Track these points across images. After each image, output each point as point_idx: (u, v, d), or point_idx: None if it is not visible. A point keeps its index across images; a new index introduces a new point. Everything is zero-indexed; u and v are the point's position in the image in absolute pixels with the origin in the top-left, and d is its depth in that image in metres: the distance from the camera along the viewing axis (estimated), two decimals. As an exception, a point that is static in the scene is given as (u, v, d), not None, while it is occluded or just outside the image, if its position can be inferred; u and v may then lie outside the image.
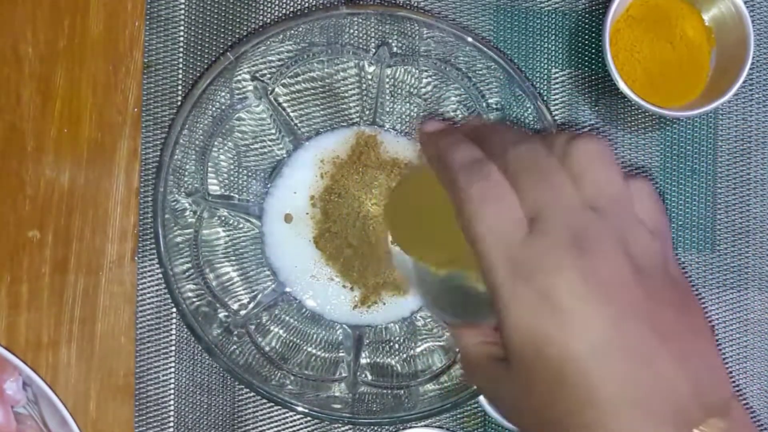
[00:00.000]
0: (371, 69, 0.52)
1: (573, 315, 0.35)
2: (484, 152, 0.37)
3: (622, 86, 0.51)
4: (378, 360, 0.53)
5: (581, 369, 0.34)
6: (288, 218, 0.53)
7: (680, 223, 0.56)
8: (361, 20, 0.50)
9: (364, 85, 0.53)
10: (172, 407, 0.54)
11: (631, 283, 0.35)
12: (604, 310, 0.34)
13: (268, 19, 0.55)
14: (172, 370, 0.54)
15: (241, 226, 0.53)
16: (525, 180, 0.36)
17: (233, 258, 0.53)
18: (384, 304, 0.53)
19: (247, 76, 0.50)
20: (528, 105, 0.49)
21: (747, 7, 0.52)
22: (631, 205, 0.37)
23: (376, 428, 0.54)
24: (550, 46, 0.55)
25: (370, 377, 0.52)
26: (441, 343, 0.53)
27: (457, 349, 0.43)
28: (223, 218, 0.52)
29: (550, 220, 0.35)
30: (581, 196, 0.36)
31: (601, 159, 0.36)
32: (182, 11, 0.54)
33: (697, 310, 0.37)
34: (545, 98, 0.55)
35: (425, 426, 0.53)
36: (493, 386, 0.39)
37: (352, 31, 0.51)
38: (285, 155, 0.53)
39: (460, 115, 0.53)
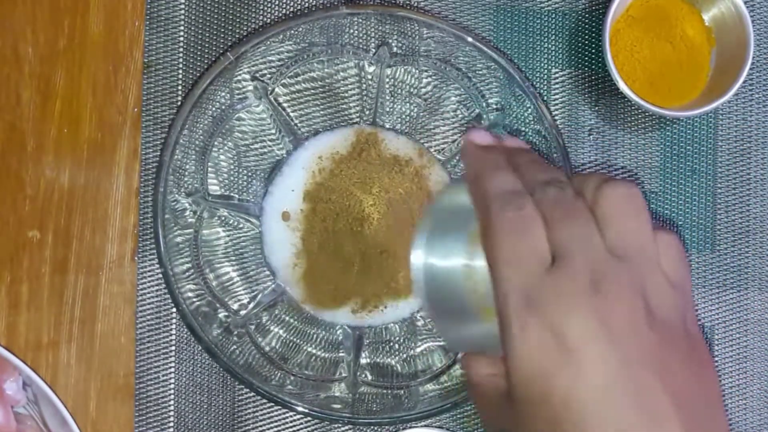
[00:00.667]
0: (371, 69, 0.52)
1: (582, 355, 0.34)
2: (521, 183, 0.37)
3: (622, 86, 0.51)
4: (378, 360, 0.53)
5: (582, 411, 0.34)
6: (285, 216, 0.53)
7: (680, 223, 0.56)
8: (361, 20, 0.50)
9: (364, 85, 0.53)
10: (172, 407, 0.54)
11: (645, 330, 0.35)
12: (614, 354, 0.34)
13: (268, 19, 0.55)
14: (172, 370, 0.54)
15: (241, 226, 0.53)
16: (553, 218, 0.36)
17: (233, 258, 0.53)
18: (385, 307, 0.53)
19: (247, 76, 0.50)
20: (528, 105, 0.49)
21: (747, 7, 0.52)
22: (656, 257, 0.36)
23: (376, 428, 0.54)
24: (550, 46, 0.55)
25: (370, 377, 0.52)
26: (441, 343, 0.53)
27: (464, 378, 0.44)
28: (223, 218, 0.52)
29: (573, 261, 0.35)
30: (606, 243, 0.36)
31: (631, 207, 0.36)
32: (182, 11, 0.54)
33: (713, 375, 0.37)
34: (545, 98, 0.55)
35: (425, 426, 0.53)
36: (496, 418, 0.39)
37: (352, 31, 0.51)
38: (285, 155, 0.53)
39: (460, 115, 0.53)
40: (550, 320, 0.35)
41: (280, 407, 0.51)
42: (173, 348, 0.54)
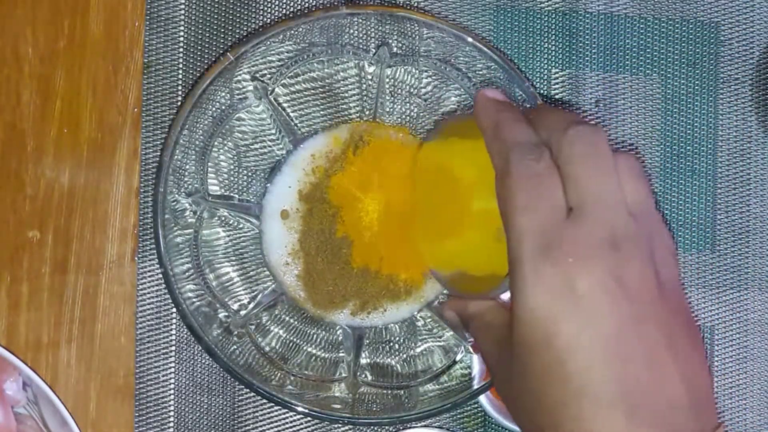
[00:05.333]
0: (371, 69, 0.52)
1: (594, 304, 0.35)
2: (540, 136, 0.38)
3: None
4: (378, 360, 0.53)
5: (584, 359, 0.34)
6: (284, 214, 0.53)
7: (680, 223, 0.56)
8: (361, 20, 0.50)
9: (364, 86, 0.53)
10: (172, 407, 0.54)
11: (656, 291, 0.36)
12: (625, 308, 0.35)
13: (268, 19, 0.55)
14: (172, 370, 0.54)
15: (241, 226, 0.53)
16: (576, 167, 0.37)
17: (233, 258, 0.53)
18: (385, 310, 0.53)
19: (247, 76, 0.50)
20: (528, 105, 0.49)
21: (747, 7, 0.52)
22: (660, 224, 0.38)
23: (376, 428, 0.54)
24: (550, 46, 0.55)
25: (370, 377, 0.52)
26: (441, 343, 0.53)
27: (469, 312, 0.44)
28: (223, 218, 0.52)
29: (593, 212, 0.36)
30: (625, 199, 0.36)
31: (643, 175, 0.38)
32: (182, 11, 0.54)
33: (701, 343, 0.38)
34: (545, 98, 0.55)
35: (425, 426, 0.53)
36: (498, 353, 0.39)
37: (352, 31, 0.51)
38: (285, 155, 0.53)
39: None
40: (565, 267, 0.35)
41: (280, 407, 0.51)
42: (173, 348, 0.54)
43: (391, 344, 0.53)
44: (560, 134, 0.37)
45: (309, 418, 0.53)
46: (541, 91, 0.55)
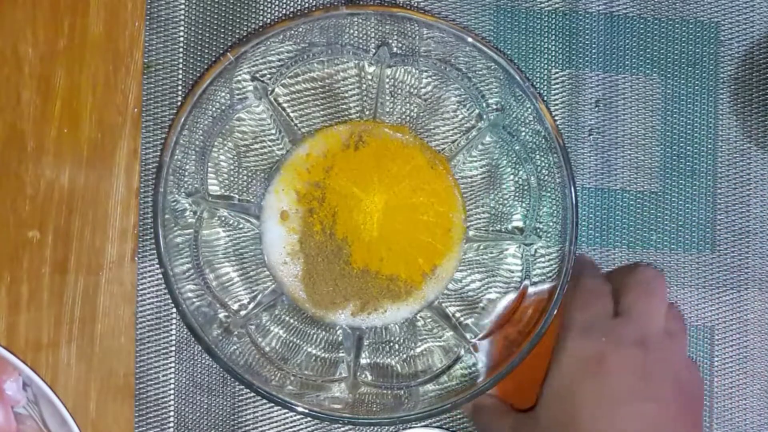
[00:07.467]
0: (371, 69, 0.52)
1: (614, 378, 0.46)
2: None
3: None
4: (378, 360, 0.53)
5: (592, 418, 0.45)
6: (284, 216, 0.53)
7: (680, 223, 0.56)
8: (361, 20, 0.50)
9: (364, 86, 0.53)
10: (172, 407, 0.54)
11: (670, 386, 0.47)
12: (644, 390, 0.46)
13: (268, 19, 0.55)
14: (172, 370, 0.54)
15: (241, 226, 0.53)
16: (632, 289, 0.50)
17: (233, 258, 0.53)
18: (385, 311, 0.53)
19: (247, 77, 0.50)
20: (528, 105, 0.49)
21: (747, 7, 0.52)
22: (685, 346, 0.52)
23: (376, 428, 0.54)
24: (550, 46, 0.55)
25: (370, 377, 0.52)
26: (441, 344, 0.53)
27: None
28: (223, 218, 0.52)
29: (635, 318, 0.48)
30: (664, 324, 0.49)
31: (685, 330, 0.53)
32: (182, 11, 0.54)
33: (700, 419, 0.52)
34: (545, 98, 0.55)
35: (425, 426, 0.53)
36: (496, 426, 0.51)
37: (352, 31, 0.51)
38: (285, 155, 0.53)
39: (460, 115, 0.53)
40: (598, 344, 0.47)
41: (280, 407, 0.51)
42: (173, 348, 0.54)
43: (391, 344, 0.54)
44: (627, 271, 0.51)
45: (309, 418, 0.53)
46: (541, 91, 0.55)
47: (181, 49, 0.54)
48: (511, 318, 0.51)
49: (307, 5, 0.55)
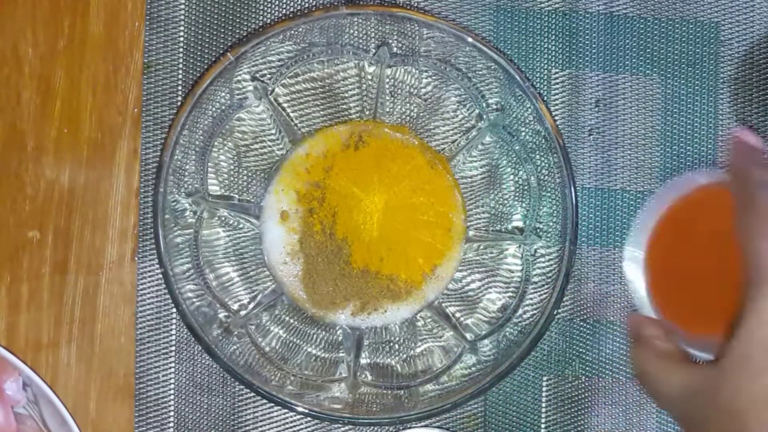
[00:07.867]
0: (371, 69, 0.52)
1: None
2: None
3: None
4: (378, 360, 0.53)
5: None
6: (284, 216, 0.53)
7: (680, 223, 0.56)
8: (361, 20, 0.50)
9: (364, 86, 0.53)
10: (172, 407, 0.54)
11: None
12: None
13: (268, 19, 0.55)
14: (172, 370, 0.54)
15: (241, 226, 0.53)
16: None
17: (233, 258, 0.53)
18: (385, 311, 0.53)
19: (247, 77, 0.50)
20: (528, 105, 0.49)
21: (747, 7, 0.52)
22: None
23: (376, 428, 0.54)
24: (550, 46, 0.55)
25: (370, 377, 0.52)
26: (441, 344, 0.53)
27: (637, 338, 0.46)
28: (223, 218, 0.52)
29: None
30: None
31: None
32: (182, 11, 0.54)
33: None
34: (545, 98, 0.55)
35: (425, 426, 0.53)
36: (654, 379, 0.43)
37: (352, 31, 0.51)
38: (285, 155, 0.53)
39: (460, 115, 0.53)
40: None
41: (280, 407, 0.51)
42: (173, 348, 0.54)
43: (391, 344, 0.53)
44: None
45: (309, 418, 0.53)
46: (541, 91, 0.55)
47: (181, 49, 0.54)
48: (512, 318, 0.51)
49: (307, 5, 0.55)
